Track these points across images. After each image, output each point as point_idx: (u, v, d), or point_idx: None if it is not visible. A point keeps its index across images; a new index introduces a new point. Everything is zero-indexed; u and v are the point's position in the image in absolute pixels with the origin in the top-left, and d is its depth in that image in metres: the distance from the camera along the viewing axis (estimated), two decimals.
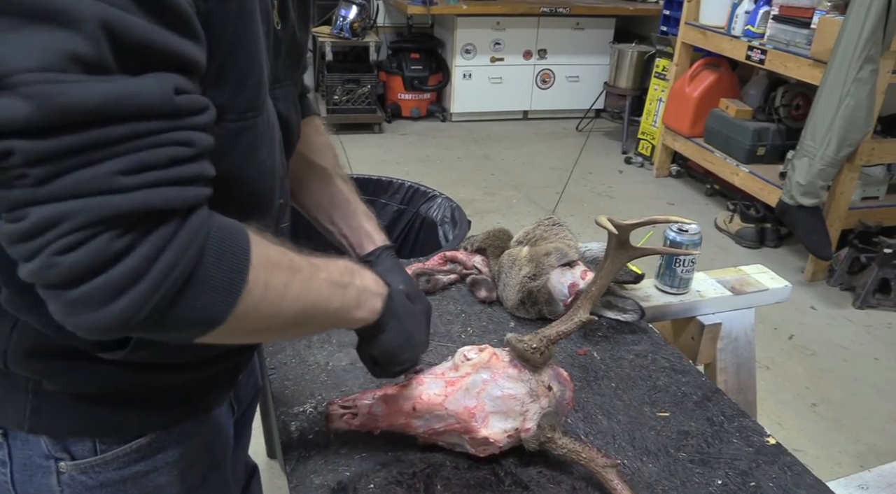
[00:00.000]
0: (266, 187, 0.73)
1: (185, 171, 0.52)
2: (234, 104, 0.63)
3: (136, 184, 0.49)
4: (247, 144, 0.66)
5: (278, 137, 0.76)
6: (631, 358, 1.15)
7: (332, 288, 0.69)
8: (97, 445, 0.74)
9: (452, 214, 2.28)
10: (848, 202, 3.24)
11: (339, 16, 4.64)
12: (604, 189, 4.31)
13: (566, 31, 5.28)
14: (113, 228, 0.49)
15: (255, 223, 0.71)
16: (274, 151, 0.74)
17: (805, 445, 2.26)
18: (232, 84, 0.62)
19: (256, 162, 0.69)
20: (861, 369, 2.69)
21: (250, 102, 0.65)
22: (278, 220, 0.82)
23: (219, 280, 0.55)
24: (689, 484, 0.89)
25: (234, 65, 0.61)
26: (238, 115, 0.64)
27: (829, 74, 2.94)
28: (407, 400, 0.86)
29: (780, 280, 1.47)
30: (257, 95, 0.66)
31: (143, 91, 0.49)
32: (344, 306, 0.72)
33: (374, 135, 5.02)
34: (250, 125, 0.66)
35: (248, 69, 0.63)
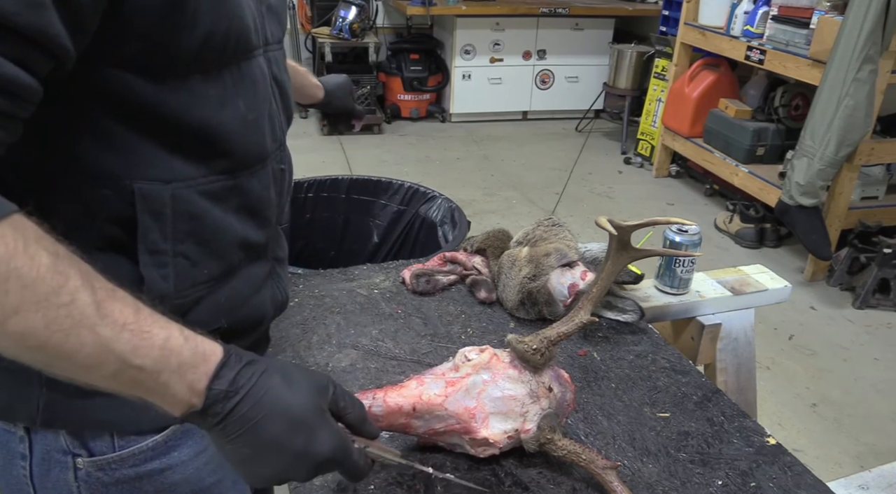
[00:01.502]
0: (253, 142, 0.74)
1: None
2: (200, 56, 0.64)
3: None
4: (215, 95, 0.67)
5: (272, 98, 0.78)
6: (631, 359, 1.15)
7: (103, 353, 0.54)
8: (115, 441, 0.74)
9: (452, 215, 2.28)
10: (847, 202, 3.24)
11: (339, 17, 4.64)
12: (603, 189, 4.31)
13: (565, 31, 5.29)
14: None
15: (252, 183, 0.75)
16: (260, 109, 0.74)
17: (805, 445, 2.26)
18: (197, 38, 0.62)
19: (234, 114, 0.70)
20: (861, 369, 2.69)
21: (215, 56, 0.66)
22: (279, 187, 0.82)
23: None
24: (690, 485, 0.89)
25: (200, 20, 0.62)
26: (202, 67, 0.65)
27: (828, 74, 2.94)
28: (407, 400, 0.85)
29: (779, 280, 1.47)
30: (223, 50, 0.66)
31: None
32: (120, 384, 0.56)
33: (373, 136, 5.02)
34: (214, 77, 0.67)
35: (216, 24, 0.64)
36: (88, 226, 0.66)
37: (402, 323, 1.21)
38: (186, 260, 0.71)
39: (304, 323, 1.20)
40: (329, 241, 2.41)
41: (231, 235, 0.74)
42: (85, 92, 0.61)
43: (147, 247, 0.68)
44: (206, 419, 0.59)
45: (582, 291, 1.18)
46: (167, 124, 0.65)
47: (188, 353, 0.58)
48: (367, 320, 1.21)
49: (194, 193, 0.69)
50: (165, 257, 0.69)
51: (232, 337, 0.76)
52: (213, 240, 0.72)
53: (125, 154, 0.65)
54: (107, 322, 0.54)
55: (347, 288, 1.31)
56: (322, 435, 0.62)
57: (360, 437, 0.68)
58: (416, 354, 1.12)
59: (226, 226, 0.73)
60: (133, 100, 0.63)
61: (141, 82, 0.62)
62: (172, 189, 0.67)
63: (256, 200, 0.77)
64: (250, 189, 0.76)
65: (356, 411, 0.68)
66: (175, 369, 0.57)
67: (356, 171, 4.22)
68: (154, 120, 0.64)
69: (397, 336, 1.17)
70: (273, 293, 0.87)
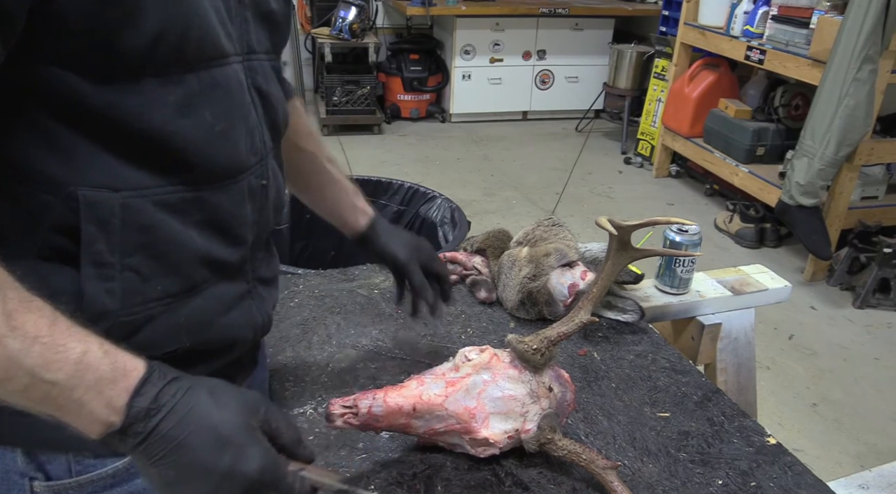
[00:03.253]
0: (222, 155, 0.69)
1: None
2: (152, 57, 0.60)
3: None
4: (175, 102, 0.63)
5: (251, 109, 0.73)
6: (631, 359, 1.15)
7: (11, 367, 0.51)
8: (72, 466, 0.70)
9: (452, 215, 2.28)
10: (847, 202, 3.24)
11: (339, 17, 4.64)
12: (603, 189, 4.31)
13: (565, 31, 5.29)
14: None
15: (219, 197, 0.70)
16: (232, 120, 0.70)
17: (805, 445, 2.26)
18: (146, 36, 0.58)
19: (197, 123, 0.65)
20: (861, 369, 2.69)
21: (173, 58, 0.61)
22: (259, 204, 0.77)
23: None
24: (690, 485, 0.89)
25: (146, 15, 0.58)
26: (157, 69, 0.61)
27: (828, 74, 2.94)
28: (407, 400, 0.85)
29: (779, 280, 1.47)
30: (182, 52, 0.62)
31: None
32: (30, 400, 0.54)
33: (373, 136, 5.02)
34: (176, 82, 0.63)
35: (169, 22, 0.59)
36: (32, 234, 0.61)
37: (402, 323, 1.21)
38: (136, 274, 0.65)
39: (304, 323, 1.20)
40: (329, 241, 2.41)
41: (191, 251, 0.68)
42: (23, 90, 0.58)
43: (91, 258, 0.62)
44: (126, 439, 0.55)
45: (582, 291, 1.18)
46: (116, 129, 0.61)
47: (107, 368, 0.54)
48: (367, 320, 1.21)
49: (148, 203, 0.64)
50: (112, 270, 0.63)
51: (198, 360, 0.72)
52: (168, 255, 0.67)
53: (69, 158, 0.60)
54: (17, 334, 0.51)
55: (347, 288, 1.31)
56: (250, 455, 0.58)
57: (296, 461, 0.65)
58: (417, 354, 1.12)
59: (184, 240, 0.67)
60: (76, 101, 0.59)
61: (84, 82, 0.58)
62: (123, 198, 0.62)
63: (226, 216, 0.72)
64: (217, 204, 0.70)
65: (290, 433, 0.64)
66: (91, 385, 0.53)
67: (356, 171, 4.22)
68: (100, 123, 0.60)
69: (397, 336, 1.17)
70: (251, 316, 0.79)
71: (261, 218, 0.78)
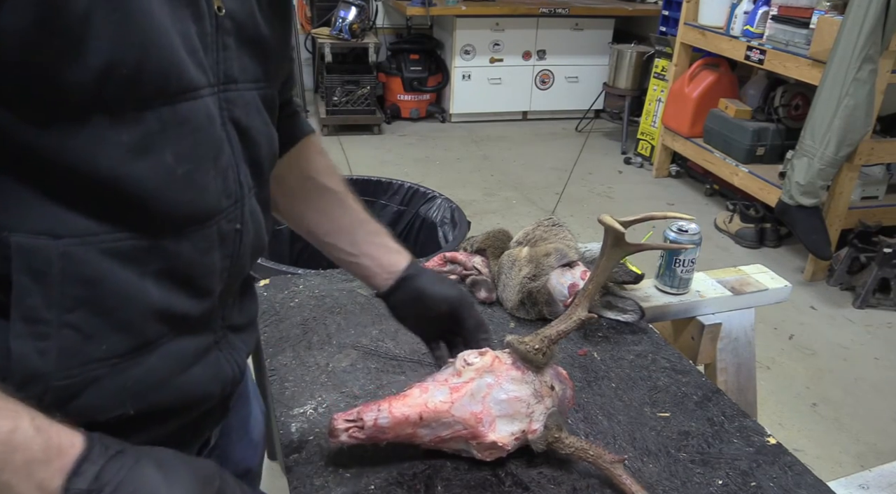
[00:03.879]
0: (184, 201, 0.61)
1: None
2: (106, 92, 0.52)
3: None
4: (129, 142, 0.55)
5: (224, 146, 0.65)
6: (631, 359, 1.15)
7: None
8: None
9: (452, 215, 2.28)
10: (847, 202, 3.24)
11: (339, 17, 4.64)
12: (603, 189, 4.31)
13: (565, 31, 5.29)
14: None
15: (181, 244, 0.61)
16: (199, 161, 0.62)
17: (805, 445, 2.26)
18: (93, 69, 0.51)
19: (155, 166, 0.58)
20: (861, 369, 2.69)
21: (126, 93, 0.54)
22: (230, 249, 0.69)
23: None
24: (690, 485, 0.89)
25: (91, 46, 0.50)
26: (108, 106, 0.53)
27: (828, 74, 2.94)
28: (413, 410, 0.84)
29: (780, 280, 1.47)
30: (137, 86, 0.54)
31: None
32: None
33: (373, 137, 5.02)
34: (130, 119, 0.55)
35: (118, 53, 0.52)
36: None
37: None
38: (77, 332, 0.57)
39: (304, 323, 1.20)
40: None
41: (144, 305, 0.60)
42: None
43: (22, 314, 0.55)
44: None
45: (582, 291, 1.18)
46: (58, 171, 0.54)
47: (38, 447, 0.49)
48: (367, 320, 1.21)
49: (94, 252, 0.57)
50: (47, 328, 0.55)
51: (152, 423, 0.65)
52: (117, 310, 0.59)
53: (1, 200, 0.54)
54: None
55: (347, 289, 1.31)
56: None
57: None
58: (416, 354, 1.12)
59: (136, 293, 0.60)
60: (11, 141, 0.52)
61: (20, 121, 0.52)
62: (64, 245, 0.55)
63: (188, 266, 0.64)
64: (178, 252, 0.62)
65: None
66: (20, 467, 0.48)
67: (356, 171, 4.22)
68: (40, 165, 0.53)
69: (397, 336, 1.17)
70: (218, 368, 0.71)
71: (233, 265, 0.70)
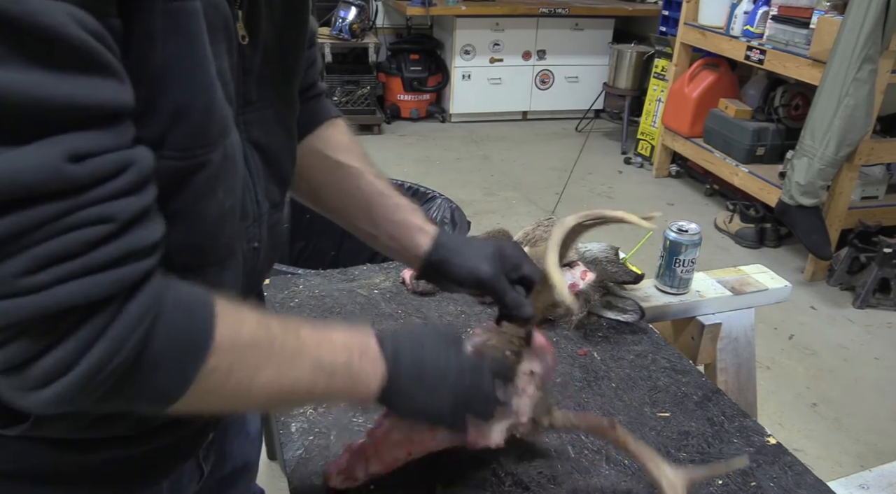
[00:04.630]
0: (224, 233, 0.62)
1: (109, 253, 0.45)
2: (172, 140, 0.52)
3: (46, 282, 0.42)
4: (198, 187, 0.56)
5: (243, 172, 0.65)
6: (631, 359, 1.15)
7: (315, 373, 0.60)
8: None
9: (452, 215, 2.28)
10: (847, 202, 3.24)
11: (339, 17, 4.64)
12: (603, 189, 4.31)
13: (565, 31, 5.29)
14: (28, 330, 0.44)
15: (215, 274, 0.62)
16: (234, 189, 0.62)
17: (805, 445, 2.26)
18: (166, 116, 0.51)
19: (212, 204, 0.58)
20: (861, 369, 2.69)
21: (197, 137, 0.54)
22: (253, 266, 0.71)
23: (170, 364, 0.50)
24: None
25: (166, 94, 0.51)
26: (179, 153, 0.53)
27: (828, 74, 2.94)
28: (400, 449, 0.82)
29: (780, 280, 1.47)
30: (207, 128, 0.55)
31: (20, 167, 0.40)
32: (330, 392, 0.64)
33: (373, 137, 5.02)
34: (201, 163, 0.55)
35: (190, 98, 0.52)
36: None
37: (402, 323, 1.21)
38: None
39: None
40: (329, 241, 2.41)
41: None
42: None
43: None
44: (395, 383, 0.66)
45: (582, 291, 1.18)
46: None
47: (356, 337, 0.66)
48: (367, 320, 1.21)
49: None
50: None
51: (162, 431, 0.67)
52: None
53: None
54: (308, 346, 0.60)
55: (347, 289, 1.31)
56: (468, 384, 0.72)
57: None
58: None
59: None
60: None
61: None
62: None
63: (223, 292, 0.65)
64: (221, 282, 0.64)
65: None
66: (360, 353, 0.64)
67: None
68: None
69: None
70: None
71: (250, 282, 0.71)
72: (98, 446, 0.63)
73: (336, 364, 0.62)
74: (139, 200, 0.47)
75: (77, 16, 0.41)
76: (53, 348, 0.45)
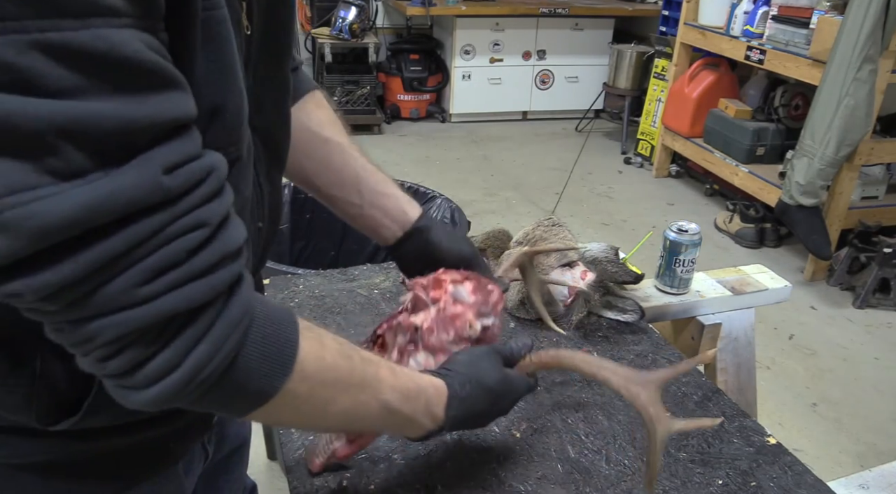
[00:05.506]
0: (243, 218, 0.64)
1: (207, 258, 0.48)
2: (209, 140, 0.54)
3: (157, 292, 0.46)
4: (232, 180, 0.58)
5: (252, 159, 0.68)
6: (631, 359, 1.15)
7: (383, 413, 0.64)
8: None
9: (452, 215, 2.28)
10: (847, 202, 3.24)
11: (339, 17, 4.64)
12: (603, 189, 4.31)
13: (565, 31, 5.29)
14: (144, 336, 0.47)
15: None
16: (248, 177, 0.66)
17: (805, 445, 2.26)
18: (204, 119, 0.54)
19: (237, 196, 0.60)
20: (861, 369, 2.69)
21: (231, 135, 0.58)
22: (256, 245, 0.73)
23: (261, 370, 0.53)
24: (690, 484, 0.89)
25: (206, 97, 0.53)
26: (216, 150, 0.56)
27: (828, 74, 2.94)
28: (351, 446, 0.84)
29: (780, 280, 1.47)
30: (239, 127, 0.58)
31: (124, 186, 0.43)
32: (383, 427, 0.71)
33: (373, 137, 5.02)
34: (233, 160, 0.58)
35: (223, 100, 0.55)
36: None
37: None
38: None
39: None
40: (329, 241, 2.41)
41: None
42: None
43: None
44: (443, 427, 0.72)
45: (582, 291, 1.18)
46: None
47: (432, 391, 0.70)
48: (367, 320, 1.21)
49: None
50: None
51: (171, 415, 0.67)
52: None
53: None
54: (383, 388, 0.64)
55: (347, 289, 1.31)
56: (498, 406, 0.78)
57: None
58: None
59: None
60: None
61: None
62: None
63: None
64: None
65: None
66: (423, 408, 0.68)
67: None
68: None
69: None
70: None
71: (256, 260, 0.75)
72: (138, 427, 0.66)
73: (402, 411, 0.66)
74: (223, 203, 0.50)
75: (145, 40, 0.44)
76: (162, 351, 0.48)
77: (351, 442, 0.83)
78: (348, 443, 0.83)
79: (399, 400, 0.65)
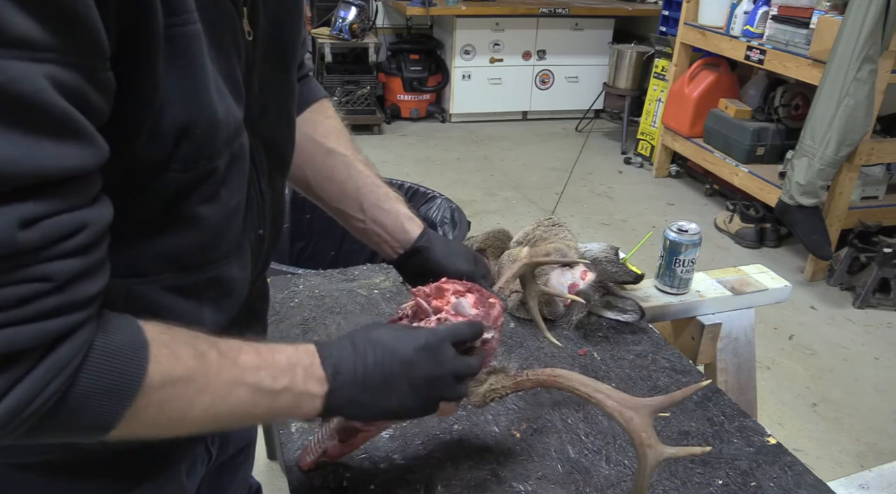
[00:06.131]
0: (229, 230, 0.65)
1: (42, 307, 0.46)
2: (178, 156, 0.55)
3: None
4: (204, 193, 0.59)
5: (248, 166, 0.67)
6: (631, 359, 1.15)
7: (255, 396, 0.61)
8: None
9: (452, 215, 2.28)
10: (847, 202, 3.24)
11: (339, 17, 4.64)
12: (603, 189, 4.31)
13: (565, 31, 5.29)
14: None
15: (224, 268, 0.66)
16: (241, 187, 0.65)
17: (805, 445, 2.26)
18: (171, 136, 0.54)
19: (217, 207, 0.62)
20: (861, 369, 2.69)
21: (202, 150, 0.57)
22: (259, 252, 0.73)
23: (95, 405, 0.51)
24: (690, 484, 0.89)
25: (170, 115, 0.53)
26: (185, 166, 0.56)
27: (828, 74, 2.94)
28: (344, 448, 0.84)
29: (780, 280, 1.47)
30: (212, 141, 0.57)
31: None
32: (273, 412, 0.64)
33: (373, 137, 5.02)
34: (207, 172, 0.58)
35: (193, 117, 0.54)
36: None
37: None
38: None
39: (304, 323, 1.20)
40: (329, 241, 2.41)
41: (198, 327, 0.65)
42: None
43: None
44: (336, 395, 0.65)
45: (582, 291, 1.18)
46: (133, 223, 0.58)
47: (302, 357, 0.65)
48: (367, 320, 1.21)
49: (156, 289, 0.62)
50: None
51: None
52: None
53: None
54: (247, 372, 0.60)
55: (347, 289, 1.31)
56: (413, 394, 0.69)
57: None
58: None
59: (193, 319, 0.65)
60: None
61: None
62: (128, 284, 0.60)
63: (232, 284, 0.69)
64: (231, 277, 0.68)
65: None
66: (305, 375, 0.64)
67: None
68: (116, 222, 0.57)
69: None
70: None
71: (259, 267, 0.74)
72: None
73: (277, 388, 0.62)
74: (84, 261, 0.48)
75: (58, 77, 0.42)
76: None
77: (343, 442, 0.83)
78: (340, 443, 0.83)
79: (270, 377, 0.62)
